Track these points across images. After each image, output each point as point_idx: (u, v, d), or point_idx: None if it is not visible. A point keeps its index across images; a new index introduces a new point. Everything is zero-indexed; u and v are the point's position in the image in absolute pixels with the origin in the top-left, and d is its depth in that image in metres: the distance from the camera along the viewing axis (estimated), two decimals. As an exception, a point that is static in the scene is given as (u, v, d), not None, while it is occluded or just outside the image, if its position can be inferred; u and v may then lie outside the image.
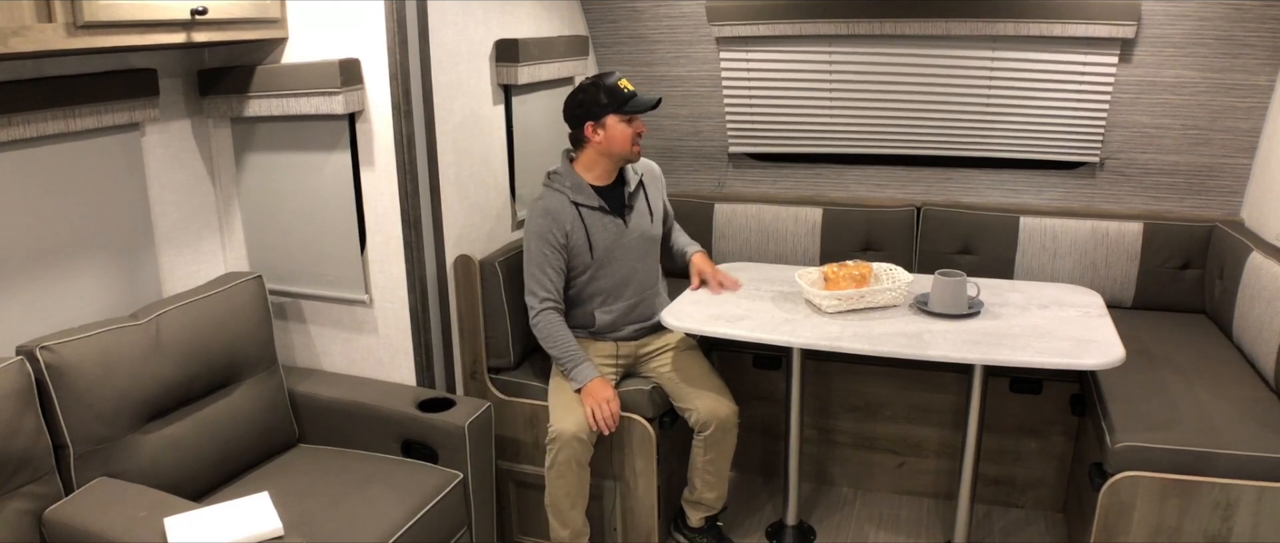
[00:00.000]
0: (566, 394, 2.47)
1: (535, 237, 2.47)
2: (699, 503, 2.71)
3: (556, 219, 2.46)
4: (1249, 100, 2.75)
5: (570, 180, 2.50)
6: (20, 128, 1.93)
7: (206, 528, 1.77)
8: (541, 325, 2.49)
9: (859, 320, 2.37)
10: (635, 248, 2.58)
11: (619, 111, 2.42)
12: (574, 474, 2.43)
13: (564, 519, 2.48)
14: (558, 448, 2.40)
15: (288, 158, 2.48)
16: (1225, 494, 2.04)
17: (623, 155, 2.49)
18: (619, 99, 2.42)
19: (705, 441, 2.58)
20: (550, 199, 2.49)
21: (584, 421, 2.40)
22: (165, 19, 1.97)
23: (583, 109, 2.45)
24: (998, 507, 2.96)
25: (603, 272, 2.54)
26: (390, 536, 2.04)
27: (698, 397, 2.56)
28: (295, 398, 2.47)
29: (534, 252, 2.48)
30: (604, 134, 2.44)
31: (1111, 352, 2.12)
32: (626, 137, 2.45)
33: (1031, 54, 2.89)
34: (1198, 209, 2.97)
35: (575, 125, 2.49)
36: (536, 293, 2.48)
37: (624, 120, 2.44)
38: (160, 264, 2.41)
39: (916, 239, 3.11)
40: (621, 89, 2.43)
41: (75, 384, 1.92)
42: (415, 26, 2.34)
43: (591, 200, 2.50)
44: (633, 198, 2.58)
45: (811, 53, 3.09)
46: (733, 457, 2.65)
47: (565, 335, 2.49)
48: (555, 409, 2.46)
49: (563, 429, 2.39)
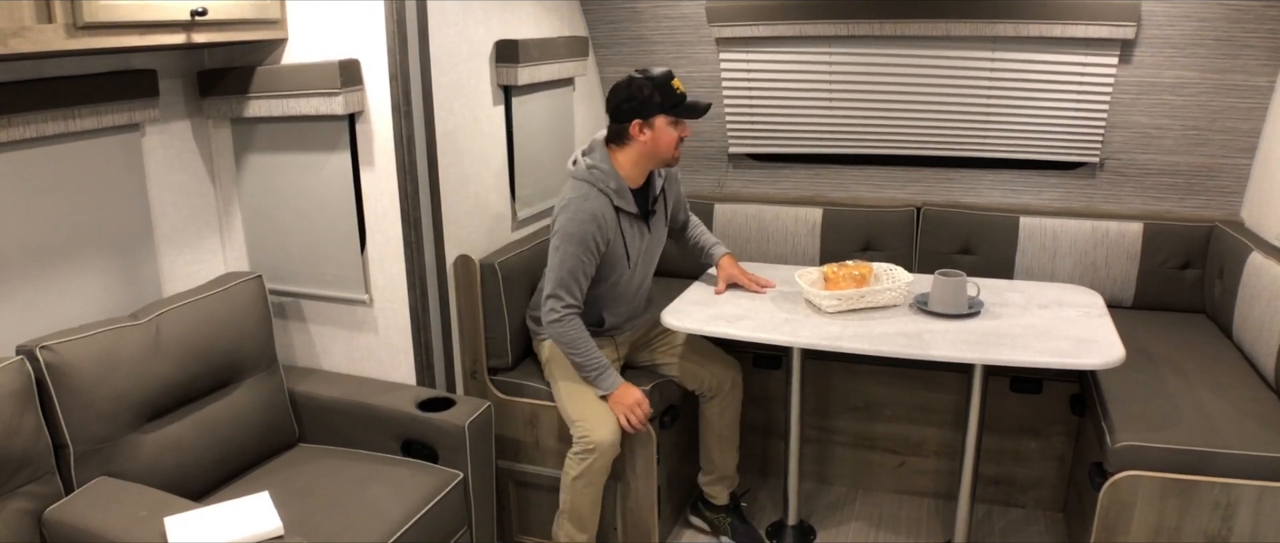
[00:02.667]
0: (594, 401, 2.41)
1: (576, 241, 2.32)
2: (722, 478, 2.77)
3: (602, 226, 2.35)
4: (1249, 101, 2.75)
5: (615, 181, 2.38)
6: (20, 128, 1.93)
7: (207, 528, 1.77)
8: (565, 331, 2.38)
9: (859, 320, 2.37)
10: (652, 252, 2.58)
11: (670, 113, 2.32)
12: (602, 483, 2.42)
13: (584, 525, 2.46)
14: (594, 458, 2.35)
15: (288, 158, 2.48)
16: (1225, 494, 2.04)
17: (665, 160, 2.40)
18: (672, 100, 2.31)
19: (719, 403, 2.67)
20: (596, 202, 2.35)
21: (618, 429, 2.37)
22: (165, 20, 1.97)
23: (633, 105, 2.32)
24: (998, 507, 2.96)
25: (625, 276, 2.50)
26: (390, 535, 2.04)
27: (705, 365, 2.64)
28: (295, 398, 2.47)
29: (570, 255, 2.33)
30: (651, 135, 2.33)
31: (1112, 352, 2.12)
32: (672, 140, 2.35)
33: (1031, 55, 2.89)
34: (1198, 209, 2.97)
35: (621, 119, 2.35)
36: (562, 298, 2.35)
37: (672, 124, 2.34)
38: (160, 264, 2.42)
39: (916, 239, 3.11)
40: (675, 90, 2.31)
41: (75, 384, 1.92)
42: (415, 27, 2.34)
43: (630, 206, 2.42)
44: (655, 203, 2.53)
45: (811, 53, 3.09)
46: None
47: (589, 343, 2.40)
48: (585, 418, 2.38)
49: (601, 440, 2.34)
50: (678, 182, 2.66)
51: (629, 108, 2.33)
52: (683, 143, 2.40)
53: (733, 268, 2.67)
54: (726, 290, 2.63)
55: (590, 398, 2.43)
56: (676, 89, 2.32)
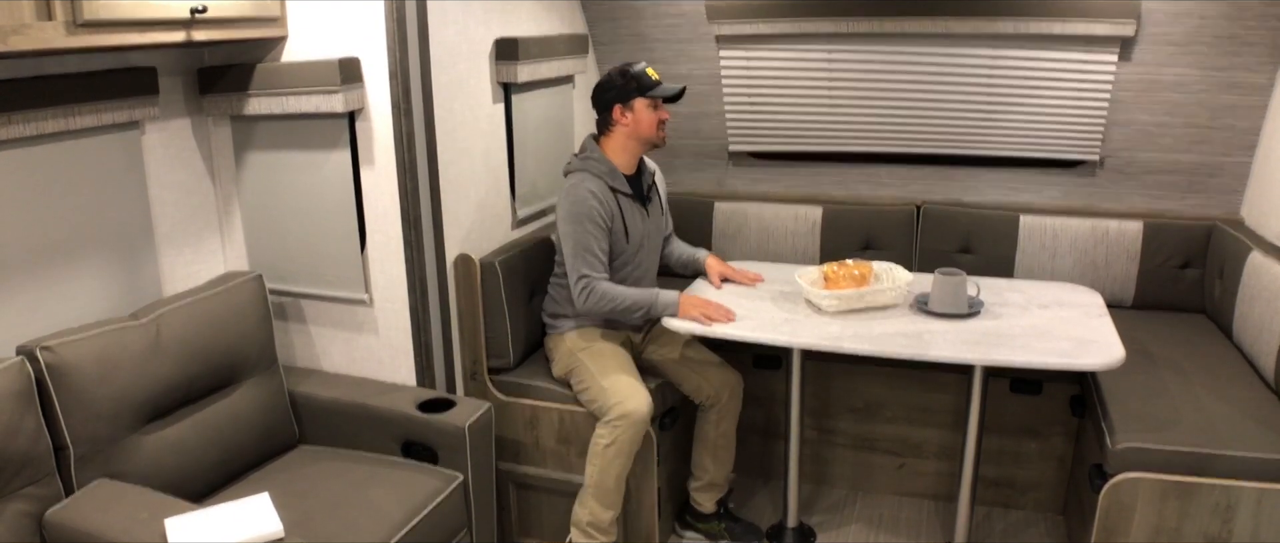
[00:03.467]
0: (625, 373, 2.46)
1: (581, 217, 2.43)
2: (711, 486, 2.77)
3: (602, 202, 2.46)
4: (1249, 99, 2.75)
5: (606, 166, 2.51)
6: (20, 126, 1.92)
7: (207, 529, 1.76)
8: (604, 296, 2.44)
9: (859, 320, 2.37)
10: (654, 239, 2.66)
11: (646, 95, 2.47)
12: (631, 454, 2.43)
13: (610, 501, 2.46)
14: (624, 428, 2.37)
15: (288, 156, 2.48)
16: (1225, 495, 2.04)
17: (649, 139, 2.52)
18: (647, 84, 2.47)
19: (719, 411, 2.69)
20: (590, 181, 2.47)
21: (649, 401, 2.40)
22: (165, 17, 1.97)
23: (613, 93, 2.48)
24: (998, 508, 2.96)
25: (632, 260, 2.57)
26: (390, 537, 2.03)
27: (706, 373, 2.66)
28: (295, 398, 2.46)
29: (580, 232, 2.43)
30: (632, 116, 2.48)
31: (1112, 352, 2.12)
32: (653, 121, 2.49)
33: (1032, 53, 2.89)
34: (1198, 208, 2.97)
35: (603, 109, 2.51)
36: (585, 273, 2.44)
37: (650, 106, 2.48)
38: (160, 264, 2.41)
39: (916, 238, 3.11)
40: (648, 75, 2.48)
41: (75, 384, 1.91)
42: (415, 25, 2.33)
43: (624, 187, 2.53)
44: (649, 191, 2.63)
45: (811, 51, 3.08)
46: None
47: (627, 290, 2.47)
48: (615, 389, 2.41)
49: (634, 409, 2.37)
50: (663, 184, 2.77)
51: (609, 96, 2.50)
52: (664, 126, 2.53)
53: (720, 264, 2.75)
54: (723, 285, 2.70)
55: (621, 370, 2.46)
56: (651, 76, 2.49)
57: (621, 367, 2.48)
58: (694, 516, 2.84)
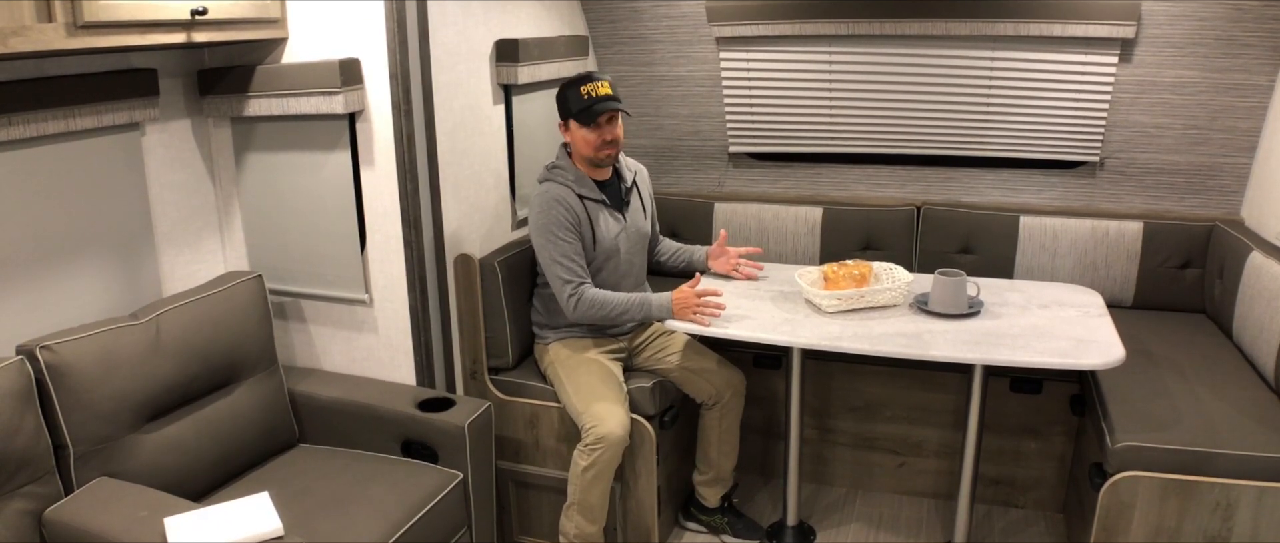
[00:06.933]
0: (602, 394, 2.42)
1: (551, 228, 2.42)
2: (716, 480, 2.78)
3: (569, 208, 2.44)
4: (1249, 100, 2.75)
5: (572, 173, 2.50)
6: (20, 128, 1.93)
7: (206, 528, 1.77)
8: (586, 302, 2.43)
9: (859, 320, 2.37)
10: (634, 242, 2.62)
11: (574, 119, 2.43)
12: (611, 475, 2.43)
13: (595, 516, 2.47)
14: (602, 451, 2.36)
15: (288, 157, 2.48)
16: (1225, 494, 2.04)
17: (588, 158, 2.48)
18: (575, 106, 2.41)
19: (721, 409, 2.68)
20: (556, 190, 2.46)
21: (626, 421, 2.39)
22: (165, 19, 1.97)
23: (559, 107, 2.48)
24: (998, 507, 2.96)
25: (607, 265, 2.55)
26: (390, 536, 2.04)
27: (707, 373, 2.65)
28: (295, 398, 2.47)
29: (549, 244, 2.43)
30: (571, 135, 2.47)
31: (1112, 352, 2.12)
32: (589, 143, 2.44)
33: (1032, 54, 2.89)
34: (1198, 209, 2.97)
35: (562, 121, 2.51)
36: (566, 281, 2.43)
37: (584, 126, 2.43)
38: (160, 264, 2.41)
39: (916, 239, 3.11)
40: (581, 95, 2.40)
41: (75, 384, 1.92)
42: (415, 26, 2.33)
43: (593, 193, 2.51)
44: (629, 194, 2.61)
45: (811, 53, 3.09)
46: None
47: (615, 295, 2.45)
48: (591, 410, 2.39)
49: (609, 432, 2.35)
50: (649, 187, 2.75)
51: (559, 110, 2.49)
52: (611, 144, 2.46)
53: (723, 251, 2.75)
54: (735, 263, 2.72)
55: (598, 391, 2.43)
56: (583, 94, 2.40)
57: (599, 386, 2.45)
58: (698, 508, 2.85)
